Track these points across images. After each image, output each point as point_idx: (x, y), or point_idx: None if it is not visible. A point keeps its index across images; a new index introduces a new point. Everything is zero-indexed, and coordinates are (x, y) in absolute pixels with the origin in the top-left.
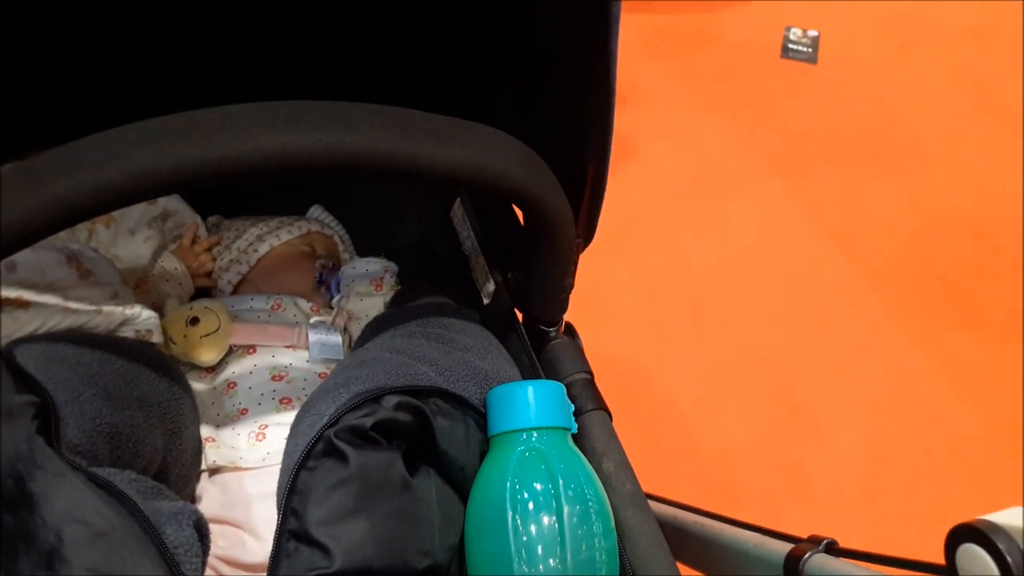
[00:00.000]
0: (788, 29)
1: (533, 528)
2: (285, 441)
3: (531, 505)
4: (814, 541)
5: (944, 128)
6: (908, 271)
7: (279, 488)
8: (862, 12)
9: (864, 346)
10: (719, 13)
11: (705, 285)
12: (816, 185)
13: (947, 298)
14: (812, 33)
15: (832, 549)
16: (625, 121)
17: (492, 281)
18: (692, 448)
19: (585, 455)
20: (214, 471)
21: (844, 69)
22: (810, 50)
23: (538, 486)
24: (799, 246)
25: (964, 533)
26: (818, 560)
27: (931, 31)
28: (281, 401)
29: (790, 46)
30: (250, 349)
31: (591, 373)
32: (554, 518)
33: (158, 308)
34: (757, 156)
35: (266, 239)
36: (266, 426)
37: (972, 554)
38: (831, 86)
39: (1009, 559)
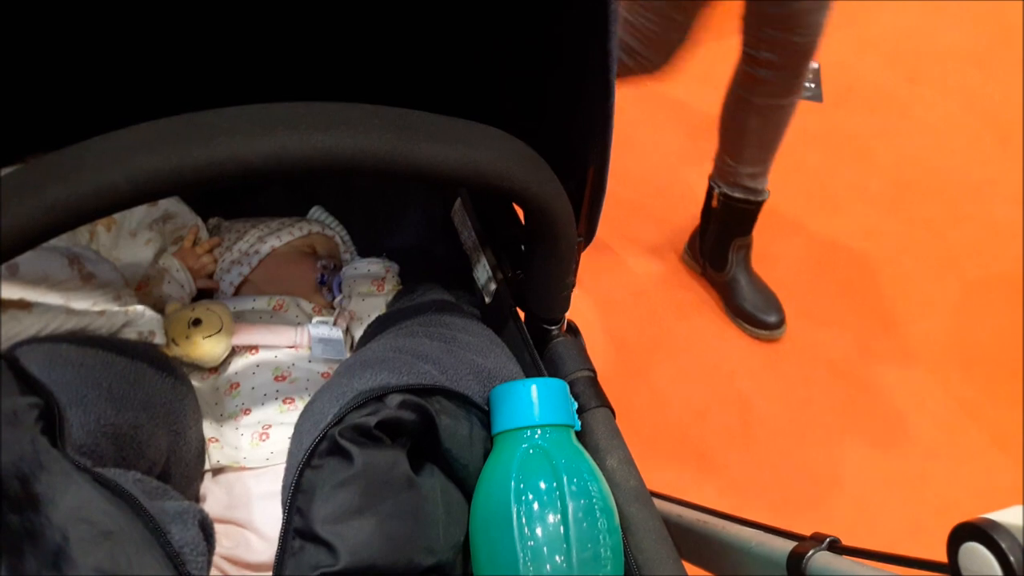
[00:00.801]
0: None
1: (538, 525)
2: (288, 441)
3: (535, 502)
4: (817, 539)
5: (967, 172)
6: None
7: (284, 487)
8: (859, 40)
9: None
10: (710, 45)
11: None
12: (838, 244)
13: None
14: (812, 65)
15: (835, 547)
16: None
17: (494, 280)
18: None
19: (589, 452)
20: (218, 471)
21: (852, 108)
22: (813, 85)
23: (542, 483)
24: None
25: (966, 532)
26: (821, 558)
27: (932, 58)
28: (284, 401)
29: None
30: (252, 350)
31: (594, 371)
32: (558, 515)
33: (160, 310)
34: (767, 211)
35: (267, 240)
36: (269, 426)
37: (974, 552)
38: (841, 127)
39: (1011, 557)
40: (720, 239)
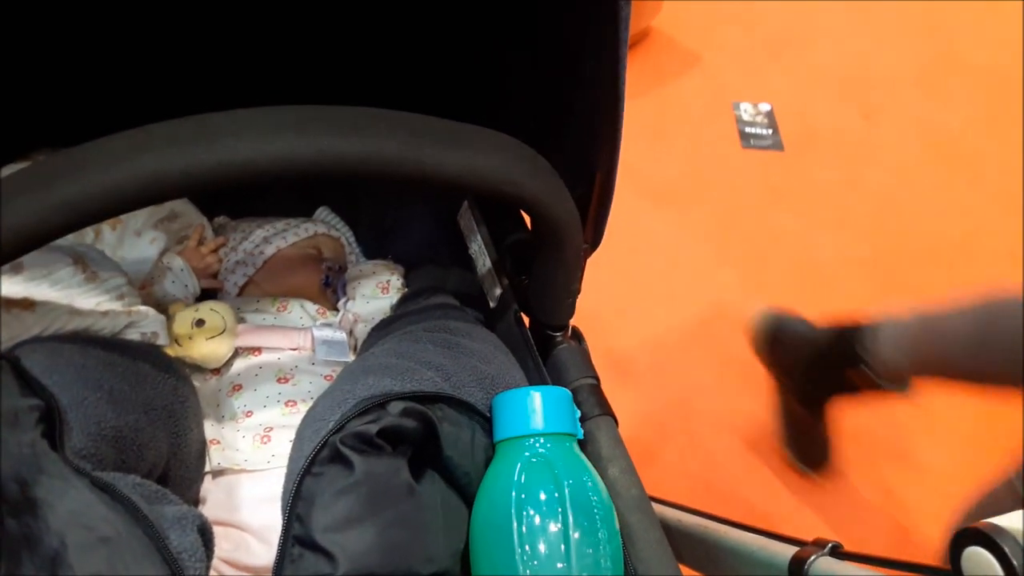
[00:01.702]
0: (737, 106)
1: (538, 534)
2: (290, 444)
3: (536, 511)
4: (819, 544)
5: (949, 222)
6: None
7: (284, 494)
8: (805, 74)
9: None
10: (654, 94)
11: None
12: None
13: None
14: (764, 107)
15: (837, 552)
16: None
17: (499, 285)
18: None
19: (591, 461)
20: (218, 473)
21: (815, 155)
22: (770, 131)
23: (543, 492)
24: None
25: (969, 536)
26: (823, 563)
27: (881, 89)
28: (286, 404)
29: (747, 130)
30: (256, 351)
31: (597, 378)
32: (559, 524)
33: (164, 310)
34: (740, 279)
35: (273, 241)
36: (271, 429)
37: (977, 557)
38: (809, 179)
39: (1014, 562)
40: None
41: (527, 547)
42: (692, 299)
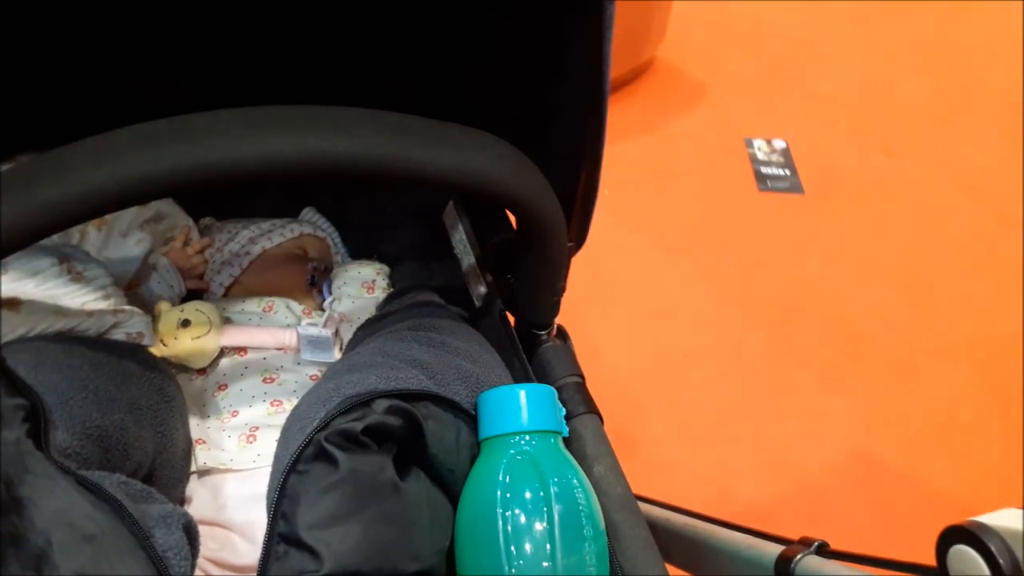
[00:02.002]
0: (750, 143)
1: (523, 532)
2: (275, 443)
3: (522, 509)
4: (805, 543)
5: (985, 268)
6: None
7: (269, 491)
8: (819, 108)
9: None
10: (661, 131)
11: None
12: (864, 397)
13: None
14: (779, 144)
15: (823, 551)
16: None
17: (484, 284)
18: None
19: (576, 458)
20: (204, 473)
21: (837, 198)
22: (787, 172)
23: (528, 490)
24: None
25: (955, 534)
26: (809, 562)
27: (898, 121)
28: (272, 403)
29: (763, 170)
30: (241, 351)
31: (582, 376)
32: (544, 522)
33: (149, 310)
34: (760, 335)
35: (258, 241)
36: (256, 428)
37: (963, 555)
38: (833, 225)
39: (1000, 560)
40: None
41: (512, 545)
42: (717, 366)
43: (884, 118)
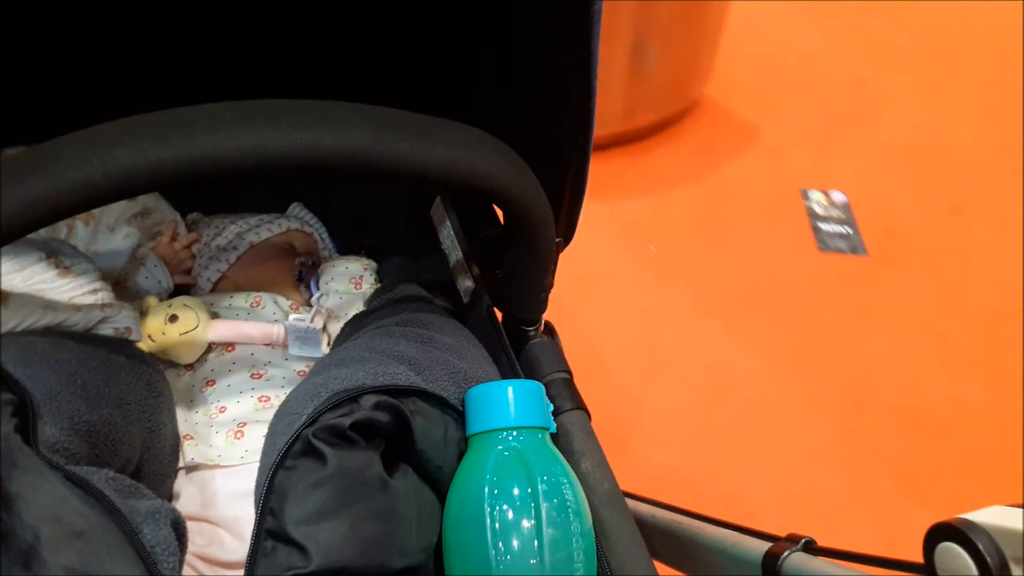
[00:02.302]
0: (807, 195)
1: (511, 528)
2: (263, 439)
3: (509, 505)
4: (792, 540)
5: None
6: None
7: (257, 487)
8: (879, 157)
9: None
10: (710, 177)
11: None
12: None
13: None
14: (838, 197)
15: (810, 548)
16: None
17: (472, 280)
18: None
19: (563, 454)
20: (192, 469)
21: (903, 262)
22: (848, 230)
23: (516, 486)
24: None
25: (943, 532)
26: (796, 559)
27: (966, 175)
28: (260, 399)
29: (823, 227)
30: (229, 347)
31: (570, 372)
32: (532, 518)
33: (137, 305)
34: (826, 425)
35: (246, 237)
36: (244, 424)
37: (951, 553)
38: (901, 294)
39: (988, 558)
40: None
41: (500, 541)
42: (779, 456)
43: (950, 170)
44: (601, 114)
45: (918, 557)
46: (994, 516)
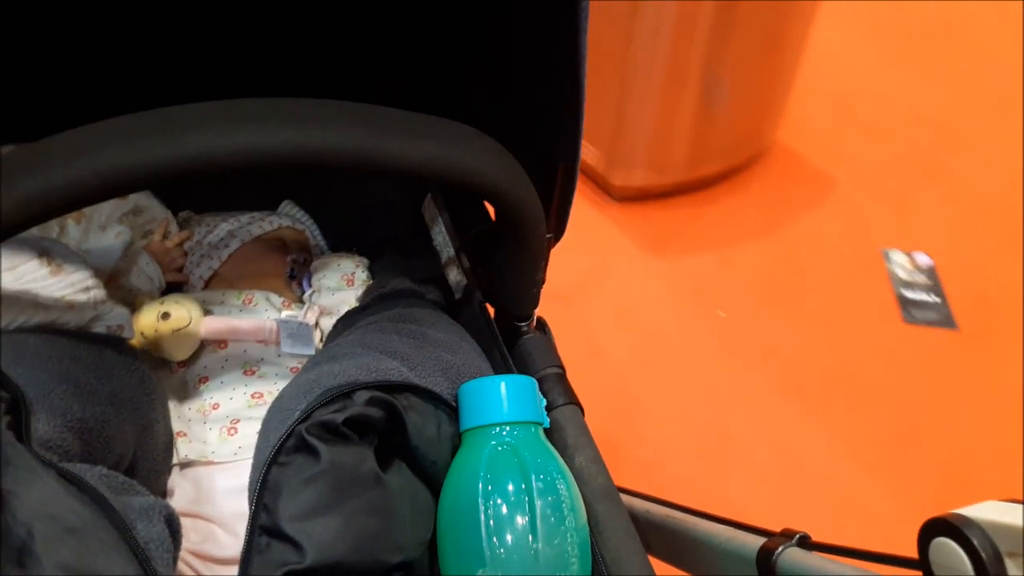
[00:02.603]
0: (888, 256)
1: (505, 523)
2: (257, 436)
3: (503, 500)
4: (787, 535)
5: None
6: None
7: (251, 483)
8: (961, 208)
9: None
10: (782, 232)
11: None
12: None
13: None
14: (923, 260)
15: (805, 543)
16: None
17: (463, 276)
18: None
19: (557, 450)
20: (185, 465)
21: (999, 339)
22: (936, 299)
23: (510, 481)
24: None
25: (937, 527)
26: (791, 554)
27: None
28: (253, 396)
29: (907, 295)
30: (221, 344)
31: (563, 368)
32: (526, 513)
33: (129, 304)
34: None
35: (237, 234)
36: (238, 421)
37: (945, 548)
38: (995, 378)
39: (982, 554)
40: None
41: (494, 536)
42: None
43: None
44: (665, 161)
45: (913, 552)
46: (989, 511)
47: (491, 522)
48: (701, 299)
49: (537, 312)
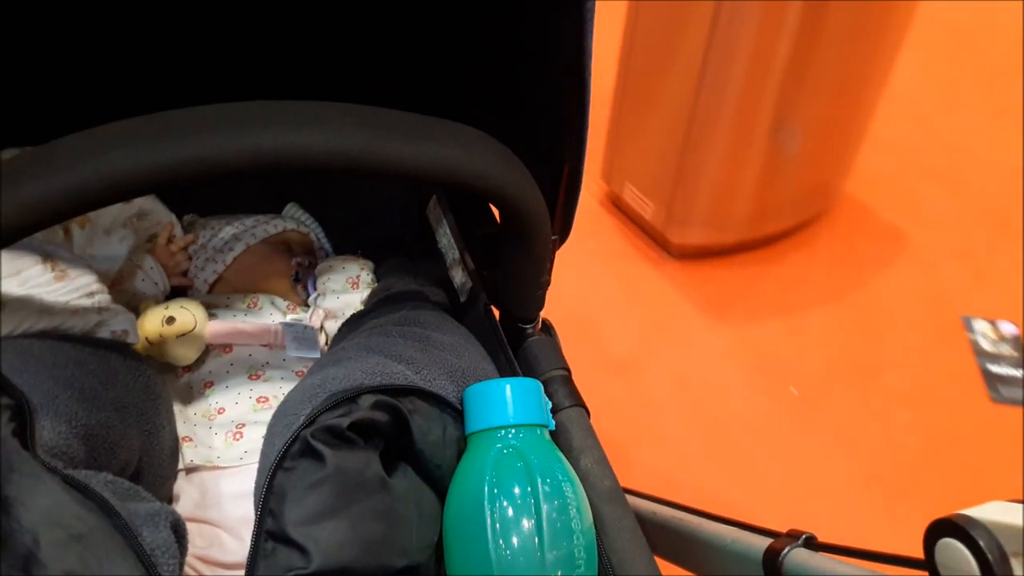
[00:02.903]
0: (969, 323)
1: (511, 526)
2: (262, 440)
3: (509, 503)
4: (793, 536)
5: None
6: None
7: (256, 488)
8: None
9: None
10: (853, 296)
11: None
12: None
13: None
14: (1008, 329)
15: (811, 544)
16: None
17: (468, 278)
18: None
19: (563, 452)
20: (191, 470)
21: None
22: (1019, 372)
23: (516, 484)
24: None
25: (943, 528)
26: (797, 555)
27: None
28: (258, 400)
29: (993, 369)
30: (227, 348)
31: (568, 370)
32: (532, 516)
33: (134, 308)
34: None
35: (242, 238)
36: (243, 425)
37: (951, 549)
38: None
39: (988, 554)
40: None
41: (500, 539)
42: None
43: None
44: (727, 217)
45: (919, 553)
46: (994, 512)
47: (497, 525)
48: (770, 372)
49: (586, 388)
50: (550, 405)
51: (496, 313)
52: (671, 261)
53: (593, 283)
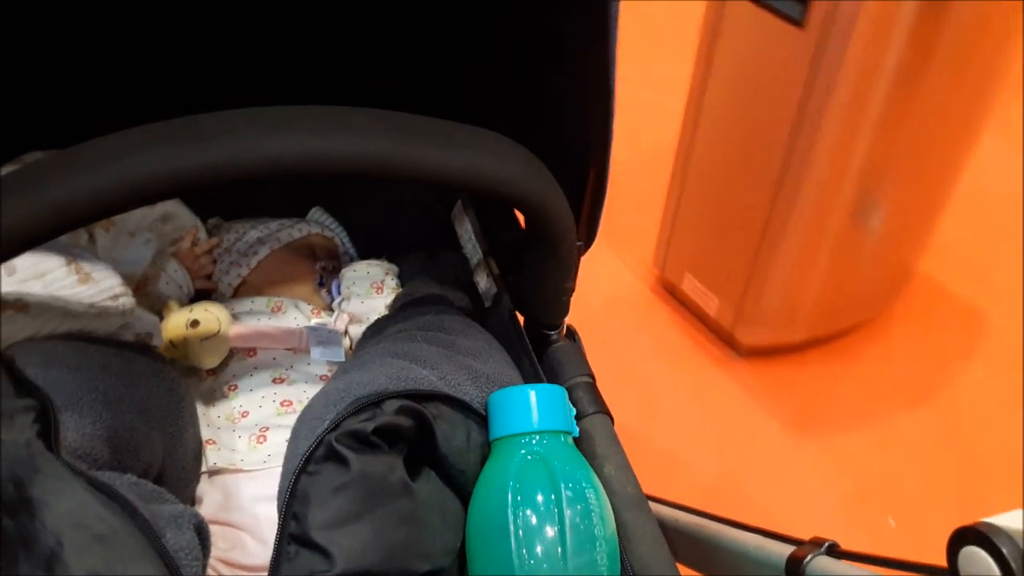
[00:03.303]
0: None
1: (534, 532)
2: (286, 444)
3: (532, 509)
4: (816, 543)
5: None
6: None
7: (280, 492)
8: None
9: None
10: (934, 387)
11: None
12: None
13: None
14: None
15: (834, 551)
16: None
17: (493, 284)
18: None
19: (586, 458)
20: (215, 473)
21: None
22: None
23: (539, 490)
24: None
25: (966, 536)
26: (820, 562)
27: None
28: (282, 403)
29: None
30: (251, 352)
31: (592, 376)
32: (555, 522)
33: (158, 311)
34: None
35: (266, 242)
36: (267, 428)
37: (974, 557)
38: None
39: (1012, 562)
40: None
41: (523, 547)
42: None
43: None
44: (797, 313)
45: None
46: (1018, 520)
47: (520, 532)
48: (866, 498)
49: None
50: (574, 412)
51: (520, 319)
52: (738, 360)
53: (656, 390)
